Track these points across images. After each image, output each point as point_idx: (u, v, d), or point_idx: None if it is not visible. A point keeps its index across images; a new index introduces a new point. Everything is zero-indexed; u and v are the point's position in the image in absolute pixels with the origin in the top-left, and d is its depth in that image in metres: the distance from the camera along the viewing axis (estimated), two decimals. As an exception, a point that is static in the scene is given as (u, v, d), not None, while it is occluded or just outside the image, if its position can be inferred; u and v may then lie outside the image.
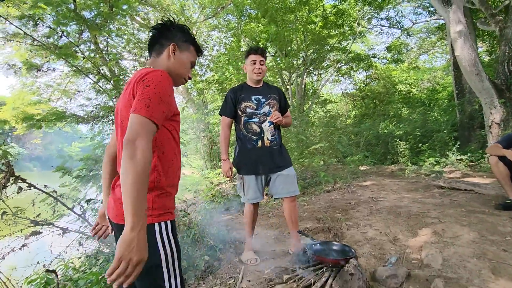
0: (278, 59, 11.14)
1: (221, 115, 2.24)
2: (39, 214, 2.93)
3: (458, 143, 6.28)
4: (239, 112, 2.15)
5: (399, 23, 13.44)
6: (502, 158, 2.45)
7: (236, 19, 9.59)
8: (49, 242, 2.82)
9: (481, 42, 11.51)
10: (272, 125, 2.12)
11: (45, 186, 2.96)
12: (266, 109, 2.15)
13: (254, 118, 2.13)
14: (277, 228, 2.91)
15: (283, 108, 2.26)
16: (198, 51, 1.18)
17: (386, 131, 8.78)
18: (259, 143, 2.12)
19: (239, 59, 8.75)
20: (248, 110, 2.12)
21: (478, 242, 1.87)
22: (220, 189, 5.74)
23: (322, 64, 13.27)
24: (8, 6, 3.67)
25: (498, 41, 7.49)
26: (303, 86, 12.78)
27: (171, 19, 1.13)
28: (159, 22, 1.13)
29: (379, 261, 1.94)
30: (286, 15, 9.71)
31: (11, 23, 3.59)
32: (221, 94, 9.45)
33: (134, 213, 0.78)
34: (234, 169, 2.25)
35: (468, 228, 2.07)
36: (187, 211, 2.90)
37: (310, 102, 12.82)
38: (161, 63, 1.09)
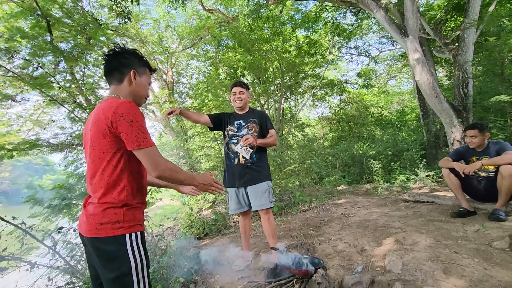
0: (256, 86, 11.59)
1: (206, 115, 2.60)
2: (5, 248, 2.81)
3: (425, 160, 6.67)
4: (225, 133, 2.50)
5: (367, 52, 14.58)
6: (453, 170, 2.70)
7: (214, 49, 10.03)
8: (15, 279, 2.69)
9: (440, 68, 12.61)
10: (245, 147, 2.36)
11: (13, 218, 2.87)
12: (244, 131, 2.44)
13: (233, 139, 2.45)
14: (254, 247, 2.95)
15: (264, 129, 2.50)
16: (151, 70, 1.32)
17: (360, 151, 9.16)
18: (236, 160, 2.41)
19: (217, 87, 9.04)
20: (230, 132, 2.47)
21: (434, 246, 2.03)
22: (199, 215, 5.69)
23: (298, 90, 13.89)
24: (-17, 39, 3.72)
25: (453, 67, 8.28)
26: (281, 111, 13.24)
27: (121, 45, 1.24)
28: (112, 50, 1.23)
29: (347, 271, 2.04)
30: (261, 45, 10.28)
31: (-16, 56, 3.62)
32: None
33: (187, 179, 1.18)
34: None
35: (426, 235, 2.23)
36: (163, 235, 2.90)
37: (288, 126, 13.23)
38: (124, 89, 1.21)
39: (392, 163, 7.45)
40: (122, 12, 4.80)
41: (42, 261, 2.95)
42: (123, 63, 1.20)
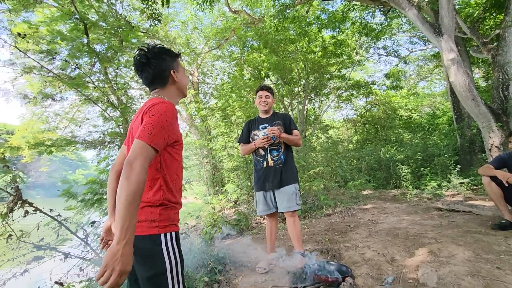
0: (280, 87, 11.54)
1: (239, 143, 2.63)
2: (43, 238, 2.97)
3: (459, 166, 6.29)
4: (251, 140, 2.51)
5: (396, 52, 14.01)
6: (494, 179, 2.51)
7: (239, 50, 10.11)
8: (49, 268, 2.84)
9: (476, 68, 11.87)
10: (268, 136, 2.34)
11: (50, 210, 3.04)
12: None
13: None
14: (278, 250, 2.91)
15: (288, 130, 2.48)
16: (179, 56, 1.29)
17: (387, 155, 8.82)
18: (264, 163, 2.42)
19: (241, 87, 9.10)
20: (256, 137, 2.47)
21: (473, 260, 1.89)
22: (222, 214, 5.75)
23: (323, 91, 13.67)
24: (28, 42, 4.00)
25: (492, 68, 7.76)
26: (304, 112, 13.09)
27: (148, 46, 1.20)
28: (141, 55, 1.17)
29: (376, 281, 1.95)
30: (287, 46, 10.22)
31: (29, 57, 3.89)
32: (224, 120, 9.74)
33: (122, 227, 0.84)
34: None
35: (464, 248, 2.08)
36: (188, 234, 2.94)
37: (312, 128, 13.04)
38: (169, 91, 1.22)
39: (422, 169, 7.09)
40: (153, 15, 4.96)
41: (75, 252, 3.11)
42: (161, 68, 1.19)
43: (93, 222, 3.02)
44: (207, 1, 6.03)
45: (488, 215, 2.84)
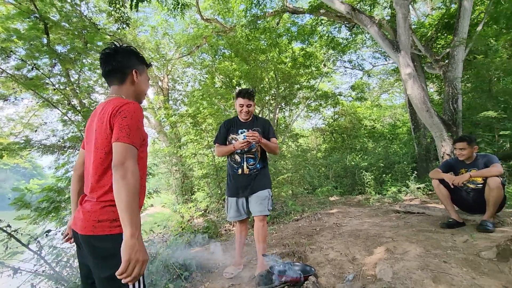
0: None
1: (215, 143, 2.51)
2: (-13, 253, 2.71)
3: (416, 173, 6.77)
4: (227, 143, 2.44)
5: (361, 66, 14.90)
6: (442, 181, 2.76)
7: (211, 58, 10.13)
8: (-4, 285, 2.59)
9: (431, 83, 12.94)
10: (246, 139, 2.25)
11: (-1, 220, 2.79)
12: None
13: (238, 149, 2.37)
14: (246, 255, 2.92)
15: (266, 137, 2.44)
16: (148, 66, 1.32)
17: (353, 163, 9.23)
18: (240, 171, 2.39)
19: (213, 95, 9.10)
20: (233, 141, 2.40)
21: (423, 256, 2.05)
22: (191, 223, 5.63)
23: (293, 101, 14.07)
24: (-21, 39, 3.71)
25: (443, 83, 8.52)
26: (275, 121, 13.35)
27: (118, 43, 1.23)
28: (110, 48, 1.20)
29: (338, 279, 2.04)
30: (258, 55, 10.43)
31: (-21, 55, 3.60)
32: (194, 127, 9.63)
33: (131, 223, 0.92)
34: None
35: (416, 245, 2.25)
36: (154, 241, 2.85)
37: (283, 136, 13.32)
38: (127, 89, 1.22)
39: (384, 175, 7.52)
40: (121, 18, 4.85)
41: (26, 266, 2.86)
42: (124, 64, 1.20)
43: (48, 231, 2.82)
44: (177, 8, 6.02)
45: (438, 215, 3.09)
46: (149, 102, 9.75)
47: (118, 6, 4.83)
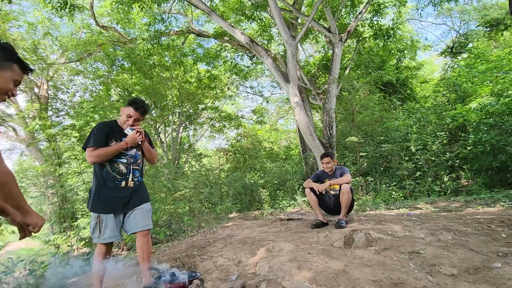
0: (152, 112, 11.18)
1: (91, 147, 2.08)
2: None
3: (302, 188, 7.76)
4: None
5: (261, 92, 16.43)
6: (313, 189, 3.33)
7: (107, 68, 9.31)
8: None
9: (316, 112, 15.31)
10: (133, 132, 2.10)
11: None
12: (133, 151, 2.20)
13: (122, 158, 2.15)
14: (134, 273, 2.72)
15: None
16: (25, 69, 1.19)
17: (252, 181, 9.88)
18: (123, 183, 2.14)
19: (107, 108, 8.29)
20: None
21: (294, 251, 2.41)
22: (68, 255, 4.82)
23: (198, 120, 14.18)
24: None
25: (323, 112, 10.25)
26: (178, 140, 13.08)
27: None
28: None
29: (223, 282, 2.16)
30: (161, 71, 10.20)
31: None
32: (81, 143, 8.43)
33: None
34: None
35: (290, 243, 2.62)
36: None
37: (186, 156, 13.10)
38: None
39: (278, 191, 8.34)
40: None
41: None
42: None
43: None
44: (65, 8, 5.41)
45: (311, 219, 3.67)
46: (18, 110, 8.05)
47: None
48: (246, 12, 8.93)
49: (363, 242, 2.37)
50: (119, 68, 9.53)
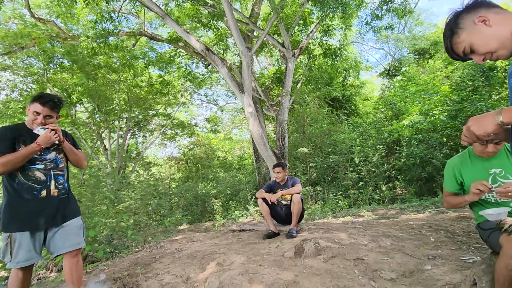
0: (96, 116, 10.30)
1: None
2: None
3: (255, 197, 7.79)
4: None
5: (215, 101, 16.32)
6: (265, 199, 3.34)
7: (42, 65, 8.33)
8: None
9: (269, 123, 15.70)
10: (47, 131, 1.79)
11: None
12: (52, 155, 1.92)
13: (38, 164, 1.85)
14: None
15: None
16: None
17: (204, 191, 9.61)
18: (43, 192, 1.84)
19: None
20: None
21: (246, 263, 2.36)
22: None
23: (147, 127, 13.44)
24: None
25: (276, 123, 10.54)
26: (125, 147, 12.20)
27: None
28: None
29: (168, 303, 2.00)
30: (108, 73, 9.48)
31: None
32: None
33: None
34: None
35: (241, 255, 2.57)
36: None
37: (133, 164, 12.26)
38: None
39: (230, 201, 8.24)
40: None
41: None
42: None
43: None
44: (-8, -7, 4.72)
45: (263, 229, 3.68)
46: None
47: None
48: (203, 20, 8.86)
49: (312, 251, 2.43)
50: (57, 66, 8.60)
